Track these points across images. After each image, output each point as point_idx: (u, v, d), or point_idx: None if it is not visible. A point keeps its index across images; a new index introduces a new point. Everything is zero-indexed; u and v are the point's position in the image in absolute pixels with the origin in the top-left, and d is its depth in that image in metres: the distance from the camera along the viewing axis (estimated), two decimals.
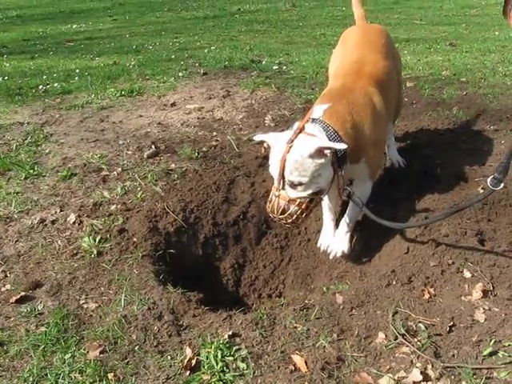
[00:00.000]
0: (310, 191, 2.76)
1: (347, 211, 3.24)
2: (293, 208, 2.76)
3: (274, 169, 2.77)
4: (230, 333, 2.41)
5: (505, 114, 4.67)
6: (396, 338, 2.33)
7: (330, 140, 2.74)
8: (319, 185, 2.77)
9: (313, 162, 2.67)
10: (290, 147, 2.67)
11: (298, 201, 2.75)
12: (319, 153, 2.67)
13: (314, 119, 2.83)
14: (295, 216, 2.78)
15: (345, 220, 3.25)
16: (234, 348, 2.32)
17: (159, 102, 5.56)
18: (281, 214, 2.78)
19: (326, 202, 3.28)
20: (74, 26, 12.08)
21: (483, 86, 5.60)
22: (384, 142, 3.43)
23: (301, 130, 2.74)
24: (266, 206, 2.87)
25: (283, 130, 2.88)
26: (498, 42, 8.30)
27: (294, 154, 2.66)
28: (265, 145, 2.95)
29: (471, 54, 7.42)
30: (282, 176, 2.71)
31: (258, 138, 2.94)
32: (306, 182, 2.70)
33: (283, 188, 2.75)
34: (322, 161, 2.69)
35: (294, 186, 2.72)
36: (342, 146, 2.70)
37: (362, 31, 3.75)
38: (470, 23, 10.77)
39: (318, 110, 2.89)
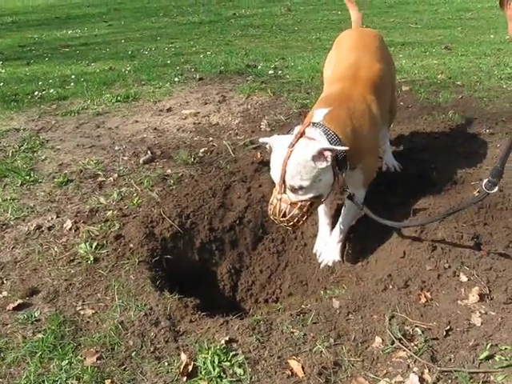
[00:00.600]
0: (310, 195, 2.77)
1: (340, 218, 3.25)
2: (294, 211, 2.77)
3: (275, 173, 2.78)
4: (227, 338, 2.40)
5: (500, 118, 4.68)
6: (393, 343, 2.33)
7: (331, 144, 2.75)
8: (320, 189, 2.79)
9: (314, 165, 2.68)
10: (291, 151, 2.68)
11: (300, 204, 2.77)
12: (320, 156, 2.68)
13: (314, 123, 2.83)
14: (296, 219, 2.80)
15: (337, 228, 3.26)
16: (231, 353, 2.31)
17: (155, 108, 5.56)
18: (282, 217, 2.80)
19: (321, 207, 3.28)
20: (69, 32, 12.08)
21: (479, 90, 5.61)
22: (378, 149, 3.43)
23: (301, 134, 2.75)
24: (268, 208, 2.89)
25: (289, 132, 2.88)
26: (493, 45, 8.31)
27: (296, 158, 2.67)
28: (267, 146, 2.94)
29: (467, 57, 7.43)
30: (283, 180, 2.72)
31: (261, 140, 2.95)
32: (307, 185, 2.71)
33: (284, 192, 2.76)
34: (324, 165, 2.70)
35: (294, 190, 2.74)
36: (343, 148, 2.72)
37: (357, 35, 3.77)
38: (465, 26, 10.79)
39: (319, 114, 2.90)
